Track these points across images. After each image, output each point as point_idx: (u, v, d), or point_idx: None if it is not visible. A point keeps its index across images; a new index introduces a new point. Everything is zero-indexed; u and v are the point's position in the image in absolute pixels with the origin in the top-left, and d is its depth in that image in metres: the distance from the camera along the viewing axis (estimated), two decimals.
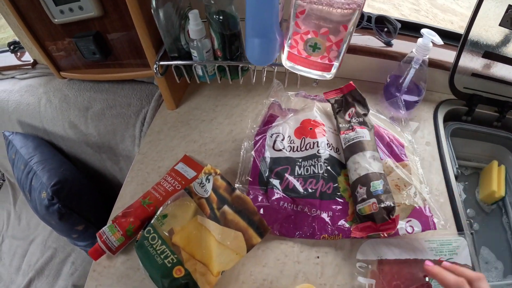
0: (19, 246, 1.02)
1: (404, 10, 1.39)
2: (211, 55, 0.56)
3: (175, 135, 0.64)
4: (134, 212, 0.54)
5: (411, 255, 0.49)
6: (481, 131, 0.70)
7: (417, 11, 1.46)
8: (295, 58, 0.48)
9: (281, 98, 0.59)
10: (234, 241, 0.46)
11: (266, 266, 0.50)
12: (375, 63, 0.68)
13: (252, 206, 0.46)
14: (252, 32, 0.44)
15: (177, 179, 0.56)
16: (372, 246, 0.51)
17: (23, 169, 0.81)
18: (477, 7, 0.60)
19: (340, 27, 0.43)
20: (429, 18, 1.38)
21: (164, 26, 0.53)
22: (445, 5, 1.51)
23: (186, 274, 0.45)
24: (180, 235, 0.48)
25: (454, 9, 1.43)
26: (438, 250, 0.50)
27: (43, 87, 0.84)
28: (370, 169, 0.52)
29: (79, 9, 0.63)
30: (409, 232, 0.50)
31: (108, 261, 0.53)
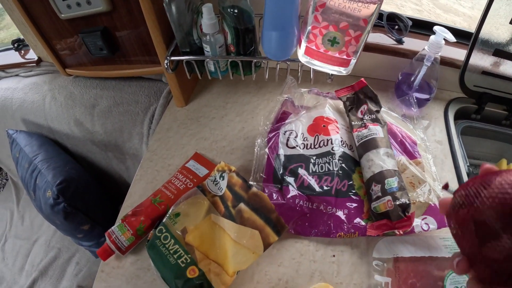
0: (22, 246, 1.00)
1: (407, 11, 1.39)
2: (224, 50, 0.55)
3: (185, 133, 0.63)
4: (144, 210, 0.52)
5: (426, 253, 0.49)
6: (490, 130, 0.70)
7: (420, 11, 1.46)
8: (313, 52, 0.47)
9: (294, 95, 0.58)
10: (250, 240, 0.45)
11: (282, 265, 0.49)
12: (386, 61, 0.67)
13: (269, 203, 0.45)
14: (270, 25, 0.44)
15: (189, 176, 0.55)
16: (388, 244, 0.50)
17: (28, 167, 0.80)
18: (488, 5, 0.60)
19: (360, 21, 0.43)
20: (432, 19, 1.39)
21: (177, 20, 0.52)
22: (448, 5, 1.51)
23: (200, 275, 0.44)
24: (194, 234, 0.47)
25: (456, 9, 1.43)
26: (453, 247, 0.49)
27: (47, 84, 0.83)
28: (384, 166, 0.51)
29: (87, 3, 0.62)
30: (424, 230, 0.49)
31: (117, 262, 0.52)
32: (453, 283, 0.45)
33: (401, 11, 0.65)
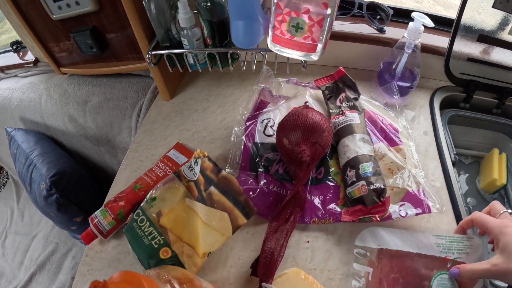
0: (22, 242, 1.04)
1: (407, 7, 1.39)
2: (201, 43, 0.56)
3: (169, 124, 0.65)
4: (125, 196, 0.54)
5: (414, 249, 0.46)
6: (480, 118, 0.69)
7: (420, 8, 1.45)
8: (280, 39, 0.48)
9: (272, 84, 0.59)
10: (219, 221, 0.45)
11: (255, 250, 0.49)
12: (368, 50, 0.68)
13: (237, 186, 0.46)
14: (235, 14, 0.45)
15: (168, 164, 0.56)
16: (373, 234, 0.48)
17: (24, 162, 0.83)
18: None
19: (320, 5, 0.43)
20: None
21: (156, 17, 0.54)
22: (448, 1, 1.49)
23: (173, 256, 0.45)
24: (168, 217, 0.48)
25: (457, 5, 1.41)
26: (446, 247, 0.46)
27: (44, 83, 0.87)
28: (359, 151, 0.51)
29: (76, 4, 0.65)
30: (402, 216, 0.48)
31: (100, 246, 0.54)
32: (440, 285, 0.43)
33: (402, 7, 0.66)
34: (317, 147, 0.50)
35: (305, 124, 0.49)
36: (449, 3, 1.49)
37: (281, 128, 0.52)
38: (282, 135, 0.51)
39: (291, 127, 0.50)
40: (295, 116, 0.50)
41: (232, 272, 0.47)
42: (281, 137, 0.51)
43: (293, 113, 0.51)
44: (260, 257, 0.45)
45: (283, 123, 0.51)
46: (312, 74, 0.70)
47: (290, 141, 0.50)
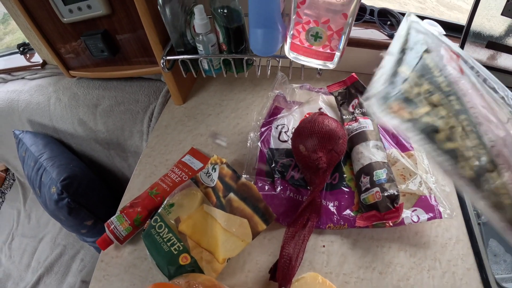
0: (29, 244, 1.04)
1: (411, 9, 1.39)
2: (217, 49, 0.57)
3: (182, 129, 0.65)
4: (141, 202, 0.54)
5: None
6: None
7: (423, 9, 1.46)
8: (298, 48, 0.49)
9: (286, 90, 0.60)
10: (239, 228, 0.46)
11: (272, 255, 0.50)
12: (379, 56, 0.68)
13: (257, 193, 0.47)
14: (255, 23, 0.46)
15: (184, 170, 0.57)
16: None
17: (33, 166, 0.83)
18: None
19: (340, 15, 0.44)
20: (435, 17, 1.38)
21: (171, 22, 0.55)
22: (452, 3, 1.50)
23: (192, 262, 0.45)
24: (187, 223, 0.48)
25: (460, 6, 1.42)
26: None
27: (52, 86, 0.86)
28: (373, 158, 0.52)
29: (88, 8, 0.65)
30: (414, 221, 0.50)
31: (116, 252, 0.54)
32: None
33: (405, 9, 0.66)
34: (333, 153, 0.51)
35: (322, 131, 0.50)
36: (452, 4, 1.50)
37: (297, 135, 0.52)
38: (298, 142, 0.51)
39: (308, 134, 0.50)
40: (311, 123, 0.51)
41: (250, 277, 0.48)
42: (298, 143, 0.52)
43: (309, 120, 0.52)
44: (279, 262, 0.46)
45: (299, 130, 0.52)
46: (323, 79, 0.70)
47: (307, 147, 0.50)
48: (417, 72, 0.38)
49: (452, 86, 0.37)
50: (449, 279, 0.47)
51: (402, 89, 0.36)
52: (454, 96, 0.36)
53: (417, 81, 0.37)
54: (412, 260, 0.49)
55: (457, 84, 0.37)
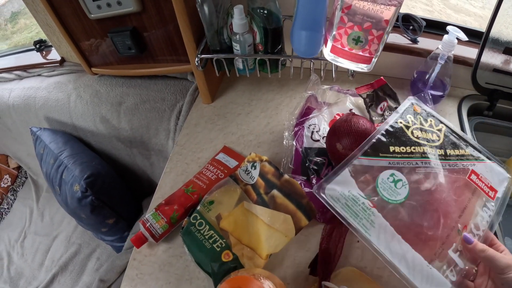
0: (42, 243, 1.02)
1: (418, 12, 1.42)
2: (252, 49, 0.58)
3: (213, 128, 0.66)
4: (177, 200, 0.55)
5: None
6: (502, 126, 0.73)
7: (431, 12, 1.49)
8: (338, 51, 0.50)
9: (318, 91, 0.61)
10: (283, 224, 0.47)
11: (309, 250, 0.51)
12: (402, 60, 0.71)
13: (300, 189, 0.48)
14: (301, 25, 0.47)
15: (220, 168, 0.58)
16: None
17: (53, 163, 0.83)
18: (497, 5, 0.63)
19: (382, 22, 0.46)
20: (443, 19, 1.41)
21: (208, 20, 0.55)
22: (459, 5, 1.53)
23: (234, 259, 0.46)
24: (228, 220, 0.49)
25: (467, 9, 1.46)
26: None
27: (72, 83, 0.86)
28: None
29: (118, 4, 0.64)
30: None
31: (149, 250, 0.54)
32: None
33: (412, 12, 0.68)
34: None
35: (358, 130, 0.52)
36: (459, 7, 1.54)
37: (333, 134, 0.54)
38: (335, 140, 0.53)
39: (345, 133, 0.52)
40: (347, 123, 0.53)
41: (288, 273, 0.49)
42: (334, 142, 0.53)
43: (344, 120, 0.54)
44: (319, 257, 0.48)
45: (335, 129, 0.54)
46: (349, 81, 0.72)
47: (344, 146, 0.52)
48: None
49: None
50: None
51: None
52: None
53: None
54: None
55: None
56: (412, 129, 0.49)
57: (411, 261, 0.39)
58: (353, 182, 0.43)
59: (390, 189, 0.43)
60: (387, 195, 0.43)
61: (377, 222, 0.41)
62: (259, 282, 0.29)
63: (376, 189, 0.43)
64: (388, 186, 0.43)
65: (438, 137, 0.50)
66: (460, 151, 0.49)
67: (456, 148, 0.49)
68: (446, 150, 0.48)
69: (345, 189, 0.43)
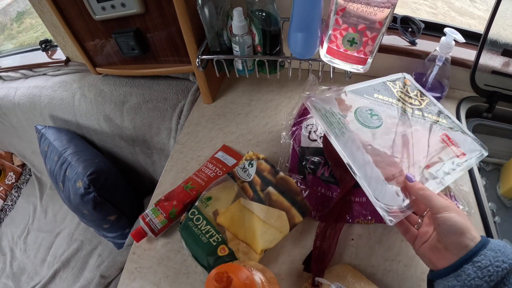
0: (45, 239, 1.04)
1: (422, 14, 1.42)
2: (251, 50, 0.59)
3: (213, 127, 0.68)
4: (176, 196, 0.56)
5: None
6: (501, 128, 0.73)
7: (435, 14, 1.49)
8: (334, 52, 0.52)
9: (315, 92, 0.62)
10: (277, 220, 0.48)
11: (304, 247, 0.52)
12: (400, 62, 0.72)
13: (295, 186, 0.49)
14: (297, 27, 0.48)
15: (218, 166, 0.59)
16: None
17: (57, 160, 0.85)
18: (495, 7, 0.64)
19: (376, 24, 0.47)
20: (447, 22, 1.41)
21: (209, 22, 0.57)
22: (463, 8, 1.53)
23: (230, 253, 0.47)
24: (225, 216, 0.51)
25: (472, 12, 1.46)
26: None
27: (77, 82, 0.88)
28: None
29: (121, 6, 0.66)
30: None
31: (148, 244, 0.56)
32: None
33: (416, 14, 0.69)
34: None
35: None
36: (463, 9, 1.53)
37: None
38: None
39: None
40: None
41: (283, 269, 0.50)
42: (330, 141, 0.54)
43: None
44: (313, 254, 0.49)
45: None
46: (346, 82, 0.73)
47: None
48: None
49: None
50: None
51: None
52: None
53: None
54: None
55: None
56: (398, 90, 0.55)
57: (369, 172, 0.43)
58: (335, 104, 0.51)
59: (366, 118, 0.50)
60: (362, 120, 0.49)
61: (347, 134, 0.47)
62: (248, 271, 0.30)
63: (353, 114, 0.50)
64: (365, 116, 0.50)
65: (420, 104, 0.55)
66: (438, 118, 0.53)
67: (434, 115, 0.54)
68: (424, 113, 0.53)
69: (327, 105, 0.51)
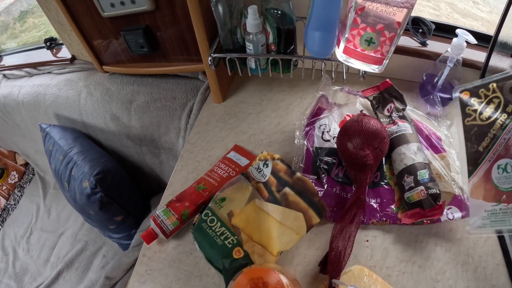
0: (48, 239, 1.03)
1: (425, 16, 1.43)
2: (265, 49, 0.59)
3: (224, 127, 0.67)
4: (188, 197, 0.56)
5: None
6: None
7: (438, 16, 1.49)
8: (351, 52, 0.51)
9: (329, 92, 0.62)
10: (294, 221, 0.48)
11: (319, 249, 0.52)
12: (411, 62, 0.72)
13: (312, 187, 0.49)
14: (315, 26, 0.48)
15: (231, 166, 0.58)
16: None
17: (62, 159, 0.83)
18: (506, 10, 0.64)
19: (394, 24, 0.47)
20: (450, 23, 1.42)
21: (222, 20, 0.56)
22: (466, 10, 1.53)
23: (245, 255, 0.47)
24: (240, 217, 0.50)
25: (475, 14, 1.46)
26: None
27: (83, 81, 0.87)
28: (416, 159, 0.54)
29: (131, 2, 0.65)
30: (450, 219, 0.53)
31: (159, 246, 0.55)
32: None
33: (419, 15, 0.69)
34: (378, 152, 0.53)
35: (369, 130, 0.52)
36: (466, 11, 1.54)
37: (344, 133, 0.55)
38: (346, 140, 0.54)
39: (356, 132, 0.53)
40: (358, 123, 0.54)
41: (298, 270, 0.50)
42: (345, 141, 0.54)
43: (356, 120, 0.55)
44: (329, 256, 0.48)
45: (346, 129, 0.55)
46: (359, 83, 0.73)
47: (355, 145, 0.53)
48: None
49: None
50: (480, 274, 0.49)
51: None
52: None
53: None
54: (447, 255, 0.51)
55: None
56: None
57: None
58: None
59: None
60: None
61: None
62: (276, 274, 0.30)
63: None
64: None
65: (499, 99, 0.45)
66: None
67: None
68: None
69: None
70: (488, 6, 1.54)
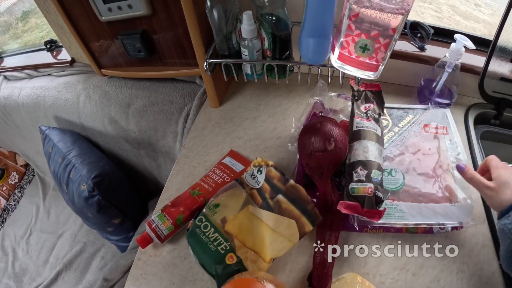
0: (47, 240, 1.04)
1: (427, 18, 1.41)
2: (260, 54, 0.59)
3: (220, 132, 0.67)
4: (183, 202, 0.56)
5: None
6: (509, 135, 0.73)
7: (440, 18, 1.48)
8: (345, 58, 0.51)
9: (324, 97, 0.62)
10: (287, 228, 0.48)
11: (312, 256, 0.51)
12: (409, 67, 0.71)
13: (305, 195, 0.48)
14: (309, 32, 0.48)
15: (226, 171, 0.58)
16: None
17: (61, 162, 0.84)
18: (505, 14, 0.63)
19: (389, 30, 0.46)
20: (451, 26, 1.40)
21: (218, 25, 0.56)
22: (468, 12, 1.52)
23: (238, 261, 0.47)
24: (233, 224, 0.50)
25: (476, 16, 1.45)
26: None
27: (82, 84, 0.87)
28: (377, 158, 0.53)
29: (128, 7, 0.65)
30: (441, 230, 0.52)
31: (154, 250, 0.55)
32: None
33: (421, 18, 0.67)
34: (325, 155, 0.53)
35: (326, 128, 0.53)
36: (468, 13, 1.52)
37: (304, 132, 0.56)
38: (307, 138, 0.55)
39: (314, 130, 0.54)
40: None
41: (291, 277, 0.50)
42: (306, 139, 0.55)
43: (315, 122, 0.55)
44: (313, 273, 0.48)
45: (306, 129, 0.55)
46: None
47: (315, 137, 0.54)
48: None
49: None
50: (475, 282, 0.49)
51: None
52: None
53: None
54: (442, 263, 0.51)
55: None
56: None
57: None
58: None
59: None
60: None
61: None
62: (262, 284, 0.30)
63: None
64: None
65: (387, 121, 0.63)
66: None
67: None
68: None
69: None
70: (490, 8, 1.52)
